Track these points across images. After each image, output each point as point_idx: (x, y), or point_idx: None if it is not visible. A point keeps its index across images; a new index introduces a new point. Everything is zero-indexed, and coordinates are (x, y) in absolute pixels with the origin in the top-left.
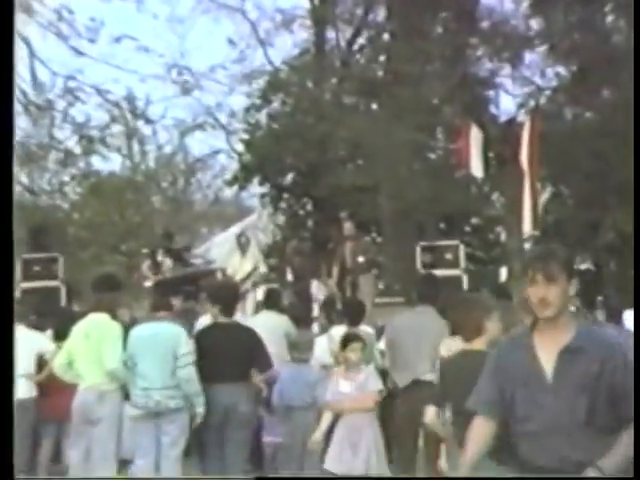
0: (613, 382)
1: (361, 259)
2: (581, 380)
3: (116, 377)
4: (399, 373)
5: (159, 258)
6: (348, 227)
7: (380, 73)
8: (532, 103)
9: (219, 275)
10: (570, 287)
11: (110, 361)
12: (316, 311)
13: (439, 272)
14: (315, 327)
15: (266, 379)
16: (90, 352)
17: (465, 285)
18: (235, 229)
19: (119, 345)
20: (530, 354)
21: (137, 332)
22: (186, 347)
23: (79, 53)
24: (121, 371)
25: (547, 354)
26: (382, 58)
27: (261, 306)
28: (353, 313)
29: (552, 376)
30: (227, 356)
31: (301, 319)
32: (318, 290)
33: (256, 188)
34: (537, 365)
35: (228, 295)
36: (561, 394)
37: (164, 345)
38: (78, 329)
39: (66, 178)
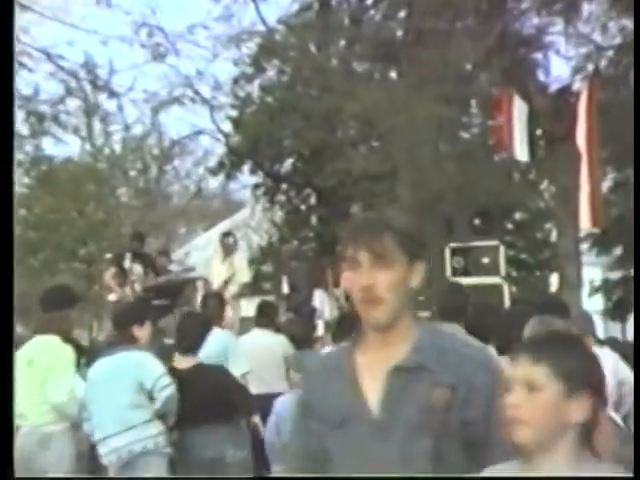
0: (467, 414)
1: None
2: (419, 413)
3: (64, 414)
4: None
5: (126, 265)
6: None
7: (399, 33)
8: (590, 67)
9: (200, 286)
10: (412, 275)
11: (56, 393)
12: (320, 329)
13: (474, 280)
14: (319, 348)
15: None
16: (33, 384)
17: (507, 297)
18: (221, 228)
19: (70, 373)
20: (349, 380)
21: (92, 372)
22: (157, 370)
23: (23, 7)
24: (71, 406)
25: (373, 379)
26: (401, 14)
27: (253, 323)
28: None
29: (379, 409)
30: (196, 411)
31: (302, 339)
32: (322, 303)
33: (247, 177)
34: (358, 395)
35: (191, 328)
36: (392, 435)
37: (122, 380)
38: (20, 355)
39: None
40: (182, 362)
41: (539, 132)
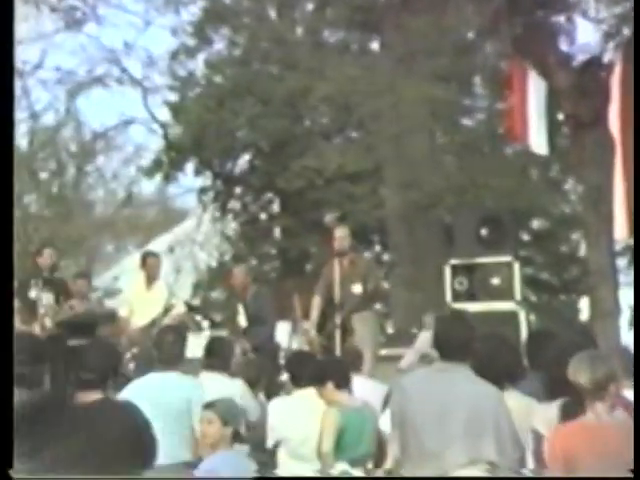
0: None
1: (357, 288)
2: None
3: None
4: (414, 466)
5: (32, 294)
6: (339, 237)
7: None
8: (627, 32)
9: (124, 319)
10: None
11: None
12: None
13: (481, 307)
14: (284, 395)
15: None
16: None
17: (523, 326)
18: (159, 244)
19: None
20: None
21: None
22: None
23: None
24: None
25: None
26: None
27: (200, 365)
28: (338, 371)
29: None
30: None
31: (262, 384)
32: (290, 338)
33: (191, 179)
34: None
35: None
36: None
37: None
38: None
39: None
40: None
41: (561, 116)
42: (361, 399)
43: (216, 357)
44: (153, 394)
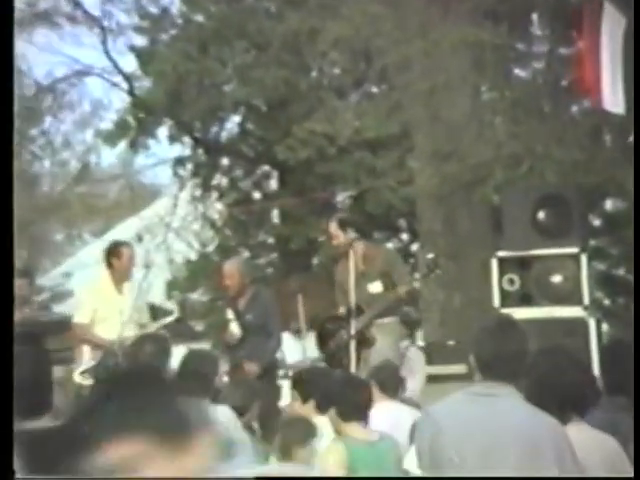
0: None
1: (375, 287)
2: None
3: None
4: None
5: None
6: (331, 233)
7: None
8: None
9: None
10: None
11: None
12: (286, 394)
13: (539, 312)
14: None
15: None
16: None
17: (594, 338)
18: (124, 232)
19: None
20: None
21: None
22: None
23: None
24: None
25: None
26: None
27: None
28: (344, 395)
29: None
30: None
31: (255, 411)
32: (292, 352)
33: (165, 147)
34: None
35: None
36: None
37: None
38: None
39: None
40: None
41: None
42: (381, 430)
43: (195, 378)
44: None
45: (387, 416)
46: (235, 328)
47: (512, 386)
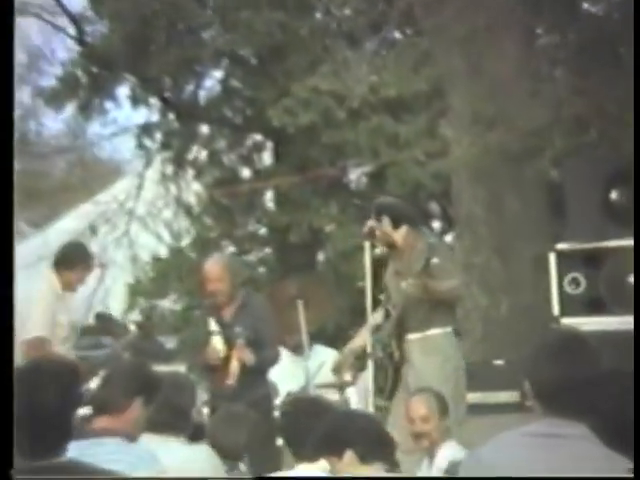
0: None
1: (412, 287)
2: None
3: None
4: None
5: None
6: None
7: None
8: None
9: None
10: None
11: None
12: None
13: (614, 323)
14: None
15: None
16: None
17: None
18: (73, 222)
19: None
20: None
21: None
22: None
23: None
24: None
25: None
26: None
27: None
28: (367, 434)
29: None
30: None
31: (244, 452)
32: (289, 375)
33: (127, 112)
34: None
35: None
36: None
37: None
38: None
39: None
40: None
41: None
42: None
43: (166, 409)
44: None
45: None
46: (219, 344)
47: (584, 425)
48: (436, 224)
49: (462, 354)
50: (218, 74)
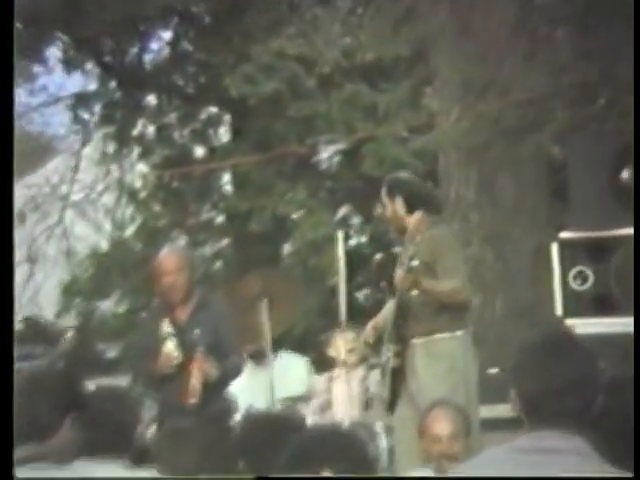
0: None
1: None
2: None
3: None
4: None
5: None
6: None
7: None
8: None
9: None
10: None
11: None
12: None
13: (627, 324)
14: None
15: None
16: None
17: None
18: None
19: None
20: None
21: None
22: None
23: None
24: None
25: None
26: None
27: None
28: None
29: None
30: None
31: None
32: (250, 388)
33: (59, 77)
34: None
35: None
36: None
37: None
38: None
39: None
40: None
41: None
42: None
43: (105, 428)
44: None
45: None
46: (173, 349)
47: (579, 438)
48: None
49: (476, 362)
50: (166, 35)
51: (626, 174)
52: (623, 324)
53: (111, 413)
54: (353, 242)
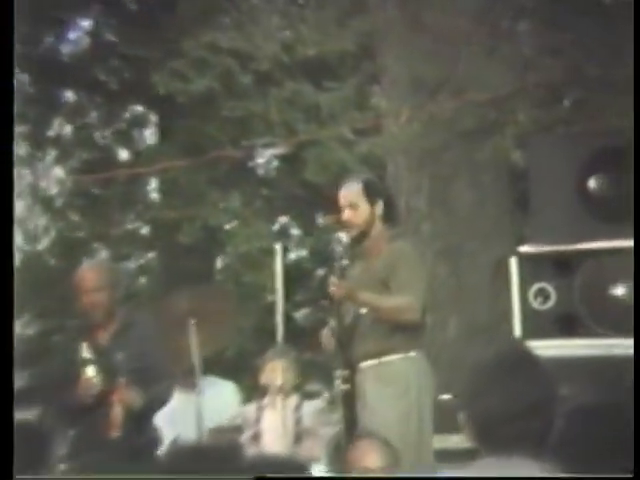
0: None
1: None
2: None
3: None
4: None
5: None
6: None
7: None
8: None
9: None
10: None
11: None
12: None
13: (589, 347)
14: None
15: None
16: None
17: None
18: None
19: None
20: None
21: None
22: None
23: None
24: None
25: None
26: None
27: None
28: None
29: None
30: None
31: None
32: (177, 417)
33: None
34: None
35: None
36: None
37: None
38: None
39: None
40: None
41: None
42: None
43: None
44: None
45: None
46: (93, 376)
47: (537, 466)
48: None
49: (432, 386)
50: (86, 23)
51: (593, 183)
52: (588, 346)
53: (17, 451)
54: (292, 256)
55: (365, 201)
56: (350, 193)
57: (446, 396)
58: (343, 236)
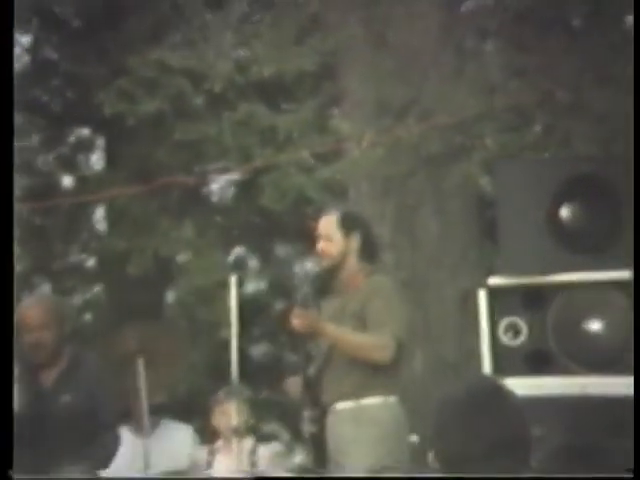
0: None
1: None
2: None
3: None
4: None
5: None
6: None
7: None
8: None
9: None
10: None
11: None
12: None
13: (567, 384)
14: None
15: None
16: None
17: None
18: None
19: None
20: None
21: None
22: None
23: None
24: None
25: None
26: None
27: None
28: None
29: None
30: None
31: None
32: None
33: None
34: None
35: None
36: None
37: None
38: None
39: None
40: None
41: None
42: None
43: None
44: None
45: None
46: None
47: None
48: None
49: (407, 430)
50: (25, 40)
51: (565, 211)
52: (562, 385)
53: None
54: (249, 288)
55: (340, 233)
56: (326, 224)
57: (411, 437)
58: (311, 265)
